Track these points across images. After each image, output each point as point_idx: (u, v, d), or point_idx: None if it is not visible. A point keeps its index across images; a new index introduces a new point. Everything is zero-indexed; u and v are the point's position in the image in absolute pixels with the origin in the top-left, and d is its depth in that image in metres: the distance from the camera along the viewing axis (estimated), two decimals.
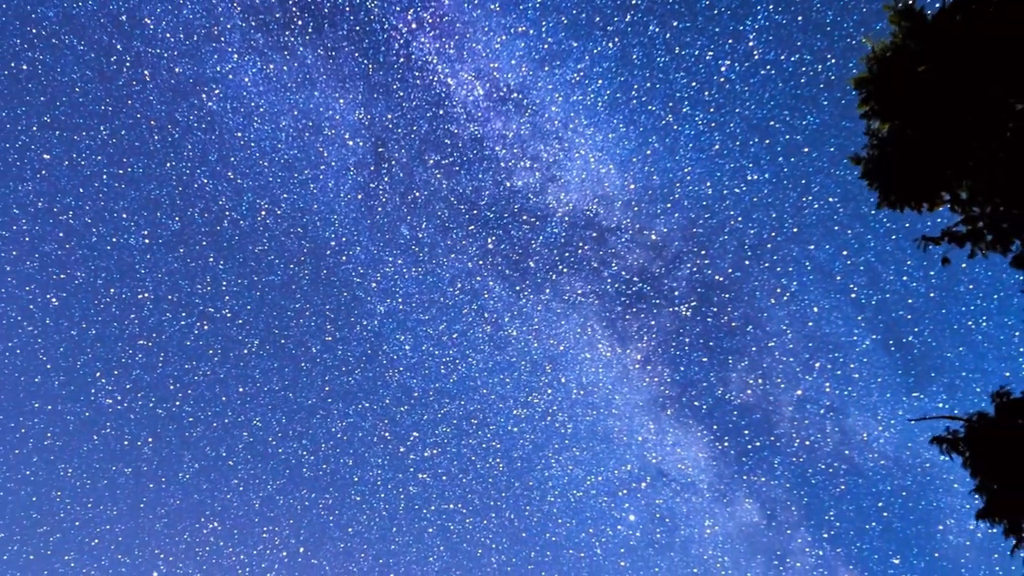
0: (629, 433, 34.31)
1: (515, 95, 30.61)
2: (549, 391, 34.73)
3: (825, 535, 34.79)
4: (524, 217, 32.73)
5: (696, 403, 34.01)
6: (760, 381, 33.29)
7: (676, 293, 33.18)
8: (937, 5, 11.09)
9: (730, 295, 32.85)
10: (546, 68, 29.53)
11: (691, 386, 34.20)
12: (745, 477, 34.52)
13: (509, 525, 35.94)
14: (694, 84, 29.30)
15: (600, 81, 29.47)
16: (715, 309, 33.22)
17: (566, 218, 32.62)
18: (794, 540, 34.85)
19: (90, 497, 33.95)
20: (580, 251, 33.03)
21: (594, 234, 32.82)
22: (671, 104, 29.85)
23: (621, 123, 30.25)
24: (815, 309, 32.36)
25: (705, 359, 34.04)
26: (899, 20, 10.62)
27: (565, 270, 33.53)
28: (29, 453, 33.35)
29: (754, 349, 33.05)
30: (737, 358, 33.57)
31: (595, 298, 33.62)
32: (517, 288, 34.04)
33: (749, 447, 34.14)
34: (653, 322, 33.68)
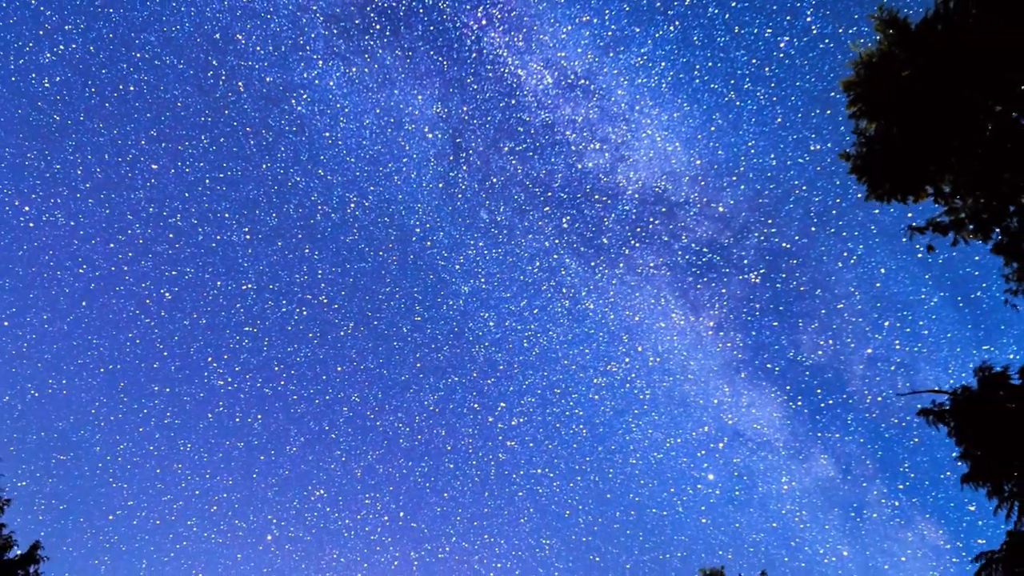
0: (705, 396, 35.67)
1: (582, 81, 32.06)
2: (627, 360, 36.36)
3: (900, 486, 35.32)
4: (596, 196, 34.48)
5: (769, 365, 35.09)
6: (830, 342, 34.14)
7: (745, 262, 34.35)
8: (925, 9, 12.03)
9: (798, 261, 33.78)
10: (611, 54, 30.93)
11: (763, 349, 35.32)
12: (819, 434, 35.31)
13: (594, 487, 37.79)
14: (754, 61, 30.41)
15: (663, 63, 30.84)
16: (783, 275, 34.07)
17: (636, 195, 34.09)
18: (869, 492, 35.46)
19: (207, 469, 37.08)
20: (651, 226, 34.53)
21: (663, 209, 34.23)
22: (733, 81, 31.11)
23: (685, 102, 31.52)
24: (882, 270, 32.83)
25: (776, 323, 35.20)
26: (884, 29, 11.56)
27: (637, 244, 35.10)
28: (152, 431, 36.55)
29: (823, 312, 33.84)
30: (807, 321, 34.44)
31: (667, 270, 35.13)
32: (592, 264, 35.77)
33: (822, 405, 34.97)
34: (724, 290, 34.98)
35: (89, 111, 33.08)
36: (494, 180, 34.86)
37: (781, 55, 29.67)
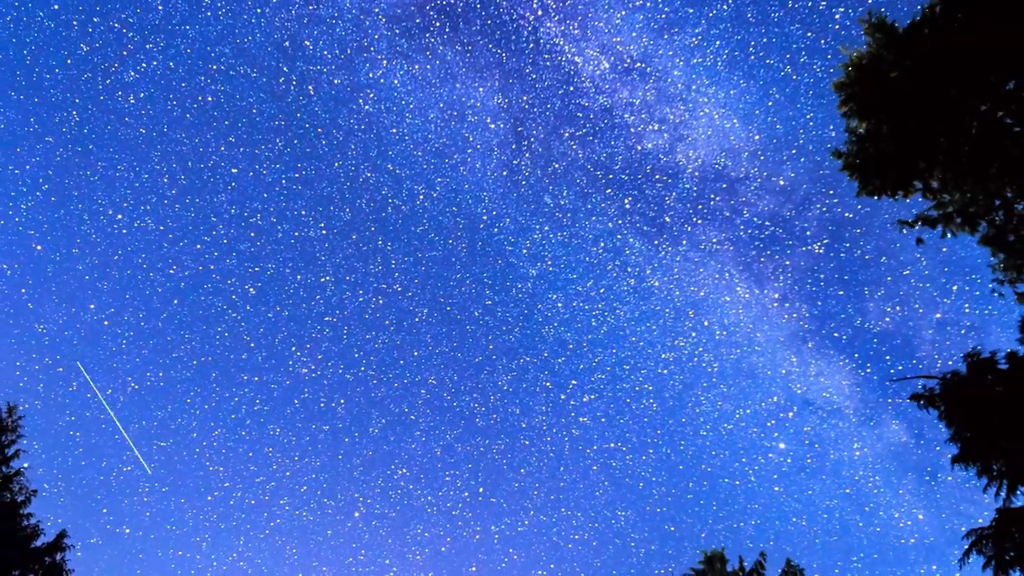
0: (773, 367, 35.97)
1: (639, 64, 32.57)
2: (693, 334, 36.85)
3: None
4: (656, 176, 34.98)
5: (836, 334, 35.14)
6: (898, 308, 34.03)
7: (808, 233, 34.42)
8: (912, 14, 12.63)
9: (861, 230, 33.69)
10: (665, 36, 31.51)
11: (829, 319, 35.39)
12: (890, 400, 35.28)
13: (666, 459, 38.34)
14: (809, 34, 30.54)
15: (718, 42, 31.18)
16: (847, 244, 33.90)
17: (696, 173, 34.45)
18: (944, 456, 35.28)
19: (296, 451, 38.95)
20: (712, 202, 34.87)
21: (724, 185, 34.48)
22: (788, 56, 31.39)
23: (741, 79, 31.86)
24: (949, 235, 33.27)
25: (841, 292, 35.18)
26: (873, 32, 12.17)
27: (699, 221, 35.51)
28: (243, 417, 38.78)
29: (889, 279, 33.93)
30: (873, 288, 34.44)
31: (730, 244, 35.54)
32: (655, 242, 36.25)
33: (892, 371, 34.92)
34: (787, 262, 35.12)
35: (171, 123, 35.85)
36: (556, 166, 36.02)
37: (836, 26, 29.92)
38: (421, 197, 37.40)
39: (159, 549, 36.68)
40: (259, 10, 33.41)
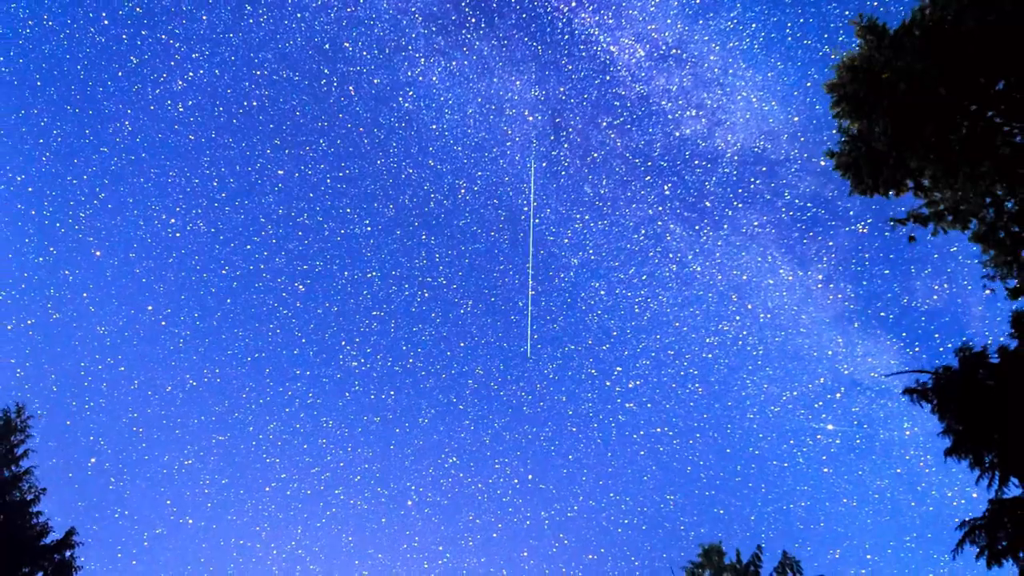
0: (819, 348, 35.94)
1: (674, 51, 32.74)
2: (737, 318, 37.07)
3: None
4: (695, 162, 35.15)
5: (882, 313, 35.05)
6: (946, 285, 33.89)
7: (851, 213, 34.31)
8: (903, 16, 12.87)
9: (905, 207, 34.21)
10: (700, 21, 31.64)
11: (875, 298, 35.25)
12: None
13: (713, 443, 38.65)
14: (847, 12, 30.67)
15: (754, 25, 31.30)
16: (892, 223, 34.09)
17: (735, 157, 34.46)
18: None
19: (349, 443, 40.12)
20: (752, 185, 34.97)
21: (764, 168, 34.48)
22: (826, 35, 31.38)
23: (779, 60, 31.93)
24: None
25: (887, 271, 35.04)
26: (864, 34, 12.43)
27: (740, 205, 35.60)
28: (296, 411, 40.14)
29: (936, 256, 33.79)
30: (920, 266, 34.28)
31: (771, 227, 35.62)
32: (696, 227, 36.43)
33: (941, 349, 34.83)
34: (831, 242, 34.91)
35: (219, 128, 37.36)
36: (595, 155, 36.44)
37: (875, 3, 30.39)
38: (462, 191, 38.37)
39: (221, 539, 38.08)
40: (299, 15, 34.55)
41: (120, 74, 35.02)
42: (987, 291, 12.71)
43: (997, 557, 11.81)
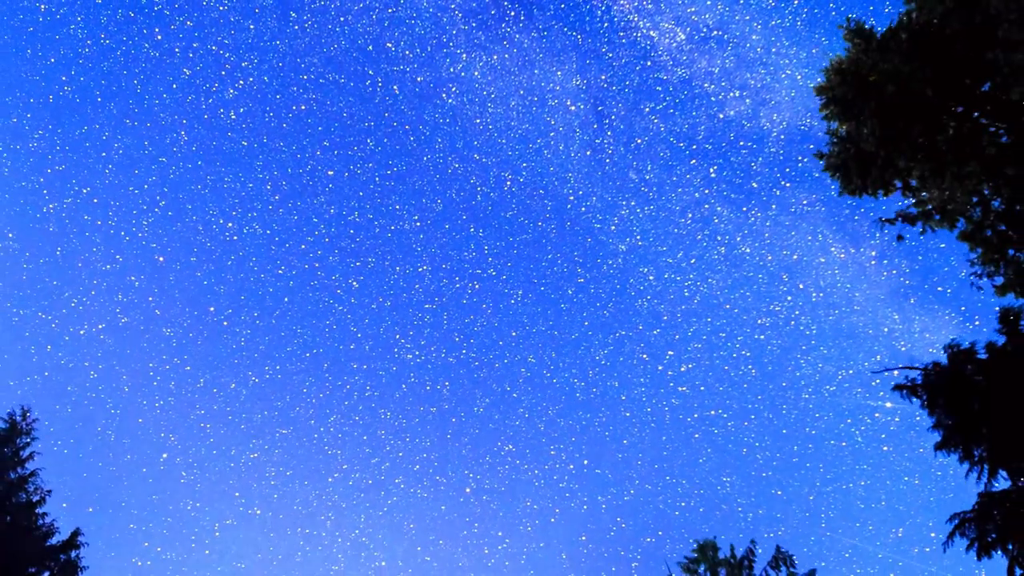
0: (874, 326, 35.43)
1: (715, 32, 32.48)
2: (789, 298, 36.94)
3: None
4: (741, 143, 35.06)
5: (940, 288, 34.46)
6: None
7: None
8: (890, 20, 13.13)
9: None
10: (741, 1, 31.51)
11: (932, 272, 34.93)
12: None
13: (769, 424, 38.62)
14: None
15: (795, 1, 30.92)
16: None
17: (781, 136, 34.24)
18: None
19: (407, 433, 40.98)
20: (800, 164, 34.88)
21: (811, 146, 33.35)
22: (872, 7, 31.45)
23: (823, 36, 31.55)
24: None
25: (943, 245, 35.16)
26: (852, 37, 12.70)
27: (788, 184, 35.57)
28: (355, 403, 41.28)
29: None
30: None
31: (821, 205, 35.44)
32: (744, 209, 36.28)
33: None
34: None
35: (269, 133, 38.64)
36: (639, 141, 36.48)
37: None
38: (508, 183, 38.93)
39: (288, 528, 39.41)
40: (342, 19, 35.32)
41: (174, 86, 36.65)
42: (976, 288, 12.95)
43: (987, 549, 12.03)
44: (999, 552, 11.99)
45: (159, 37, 35.48)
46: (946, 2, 12.22)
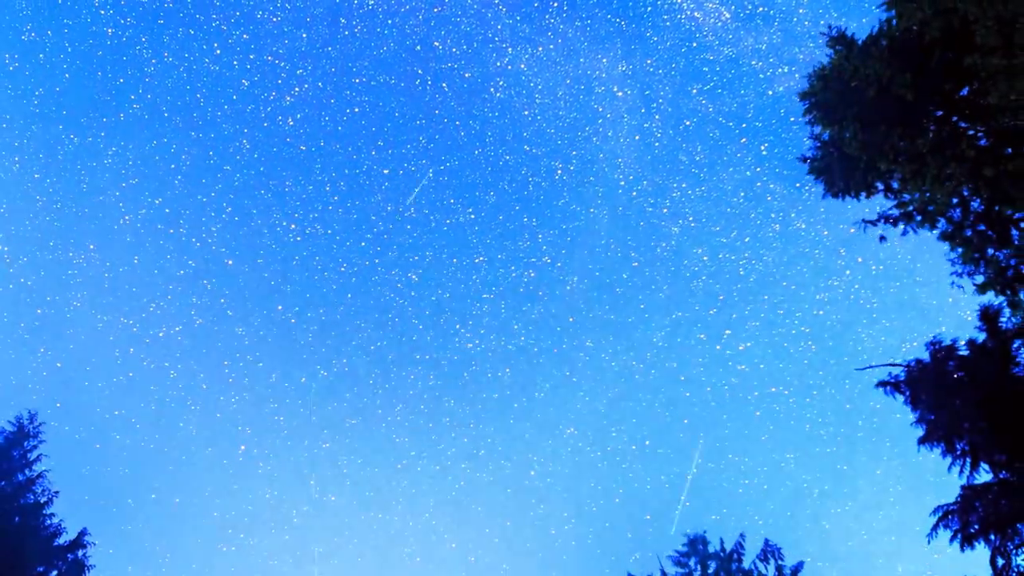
0: (939, 296, 34.81)
1: (760, 9, 32.50)
2: (847, 272, 36.32)
3: None
4: (792, 119, 34.52)
5: None
6: None
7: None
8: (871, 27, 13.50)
9: None
10: None
11: None
12: None
13: (831, 399, 38.29)
14: None
15: None
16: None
17: None
18: None
19: (471, 420, 42.55)
20: None
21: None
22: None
23: (875, 5, 32.03)
24: None
25: None
26: (834, 44, 13.08)
27: None
28: (419, 392, 42.86)
29: None
30: None
31: None
32: (797, 184, 35.91)
33: None
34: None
35: (326, 136, 40.23)
36: (687, 123, 36.80)
37: None
38: (559, 172, 39.67)
39: (361, 514, 41.74)
40: (389, 21, 36.64)
41: (234, 97, 38.49)
42: (957, 287, 13.29)
43: (969, 540, 12.38)
44: (981, 542, 12.35)
45: (218, 52, 37.54)
46: (925, 9, 12.61)
